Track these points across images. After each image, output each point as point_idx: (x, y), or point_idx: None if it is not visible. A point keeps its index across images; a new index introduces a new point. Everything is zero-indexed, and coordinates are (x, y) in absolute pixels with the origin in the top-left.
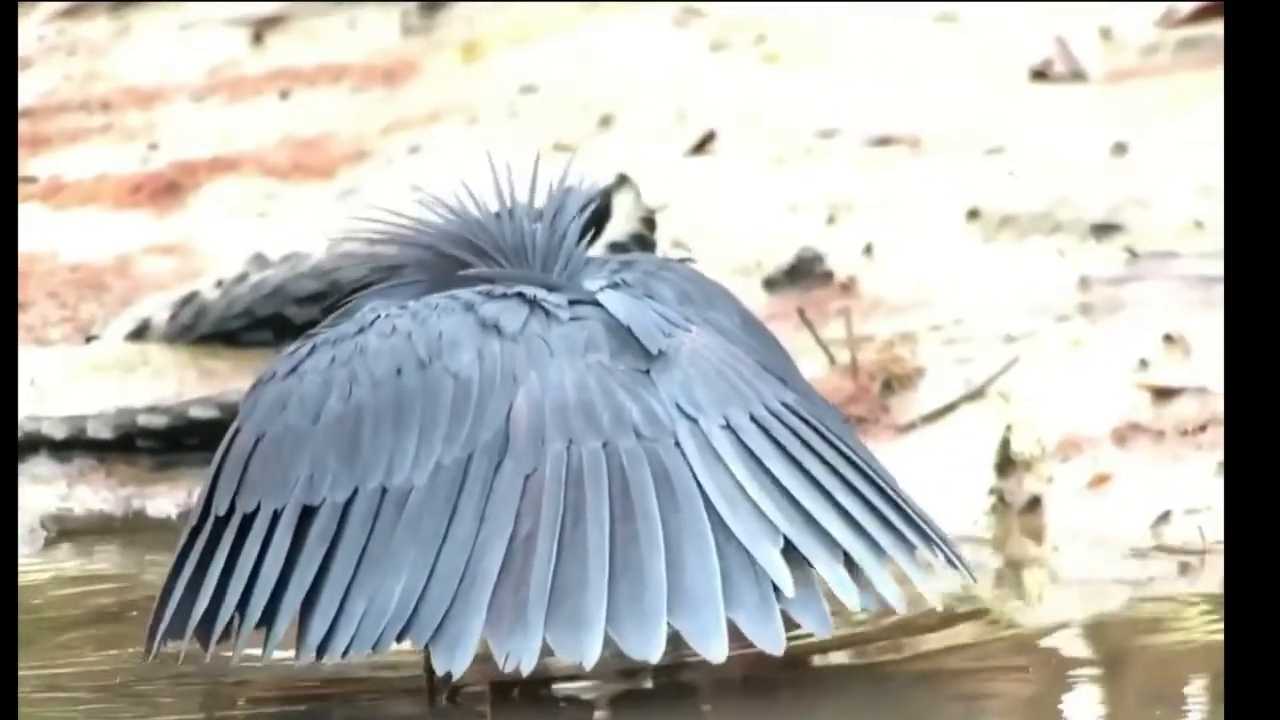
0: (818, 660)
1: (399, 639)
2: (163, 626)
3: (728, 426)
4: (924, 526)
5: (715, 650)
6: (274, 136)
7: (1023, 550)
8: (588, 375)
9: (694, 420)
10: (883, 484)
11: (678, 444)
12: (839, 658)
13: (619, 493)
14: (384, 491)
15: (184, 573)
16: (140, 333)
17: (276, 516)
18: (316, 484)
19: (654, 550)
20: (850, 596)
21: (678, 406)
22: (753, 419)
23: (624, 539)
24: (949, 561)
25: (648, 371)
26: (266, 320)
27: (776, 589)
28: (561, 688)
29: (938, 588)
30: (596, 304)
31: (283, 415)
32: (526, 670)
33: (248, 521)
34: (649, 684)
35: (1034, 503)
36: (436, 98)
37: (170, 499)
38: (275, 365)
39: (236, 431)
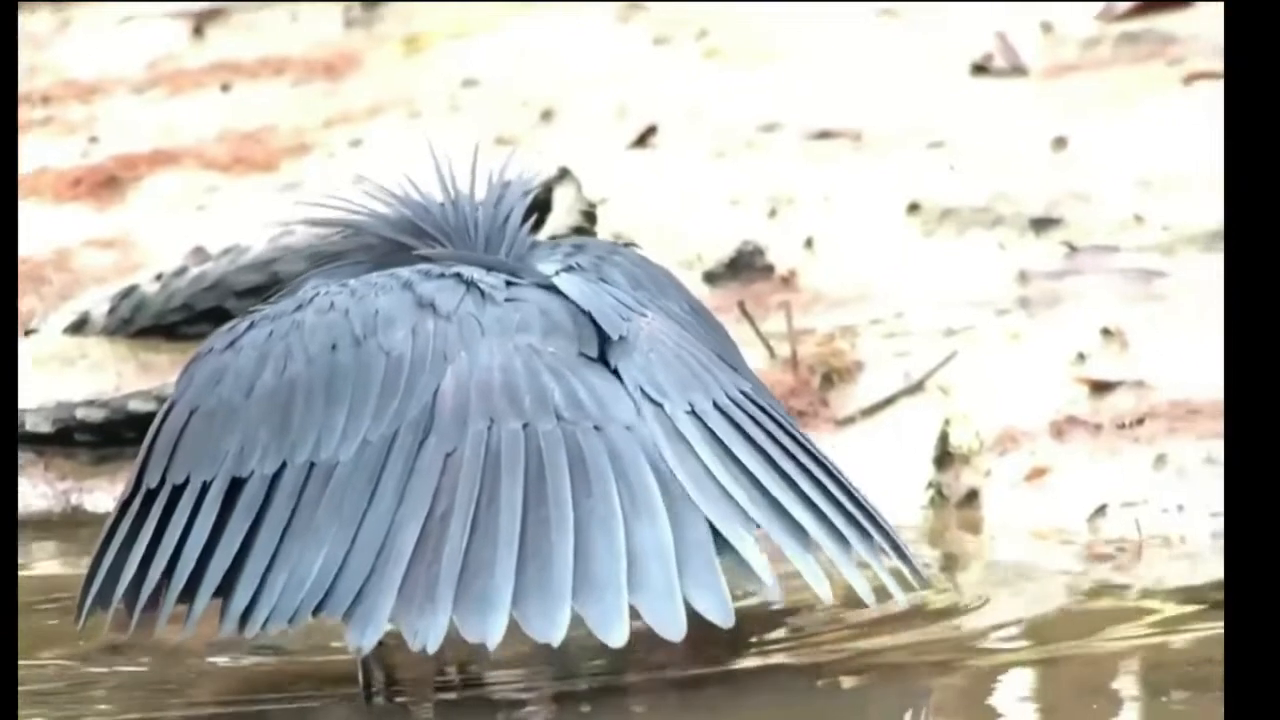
0: (752, 651)
1: (315, 613)
2: (90, 596)
3: (693, 412)
4: (881, 522)
5: (615, 635)
6: (214, 129)
7: (960, 543)
8: (515, 357)
9: (659, 405)
10: (841, 477)
11: (598, 428)
12: (776, 646)
13: (534, 475)
14: (311, 466)
15: (113, 543)
16: (79, 326)
17: (205, 488)
18: (246, 456)
19: (563, 535)
20: (823, 588)
21: (642, 391)
22: (716, 406)
23: (535, 522)
24: (904, 559)
25: (593, 357)
26: (206, 313)
27: (682, 575)
28: (502, 686)
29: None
30: (540, 286)
31: (217, 389)
32: (432, 649)
33: (177, 493)
34: (585, 684)
35: (972, 496)
36: (378, 91)
37: (109, 493)
38: (212, 340)
39: (171, 406)
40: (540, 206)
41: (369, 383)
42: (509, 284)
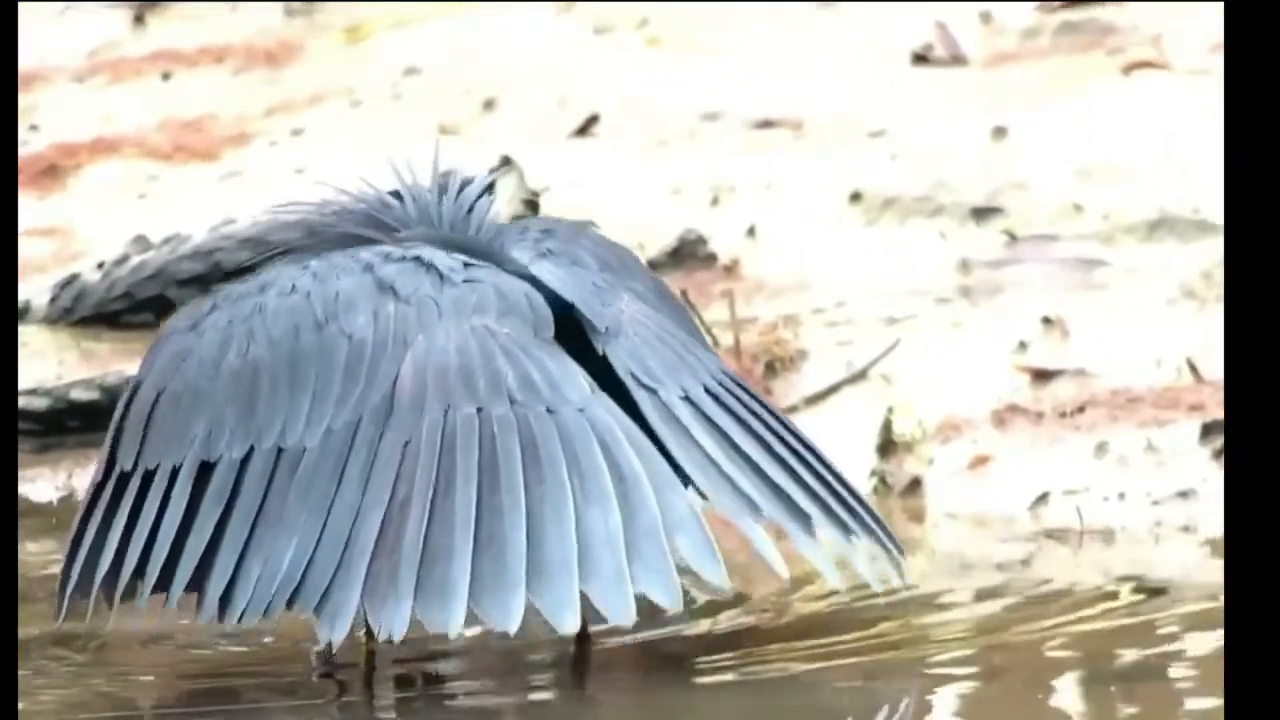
0: (705, 651)
1: (289, 606)
2: (70, 586)
3: (687, 398)
4: (868, 505)
5: (566, 622)
6: (155, 118)
7: (903, 531)
8: (470, 339)
9: (654, 391)
10: (826, 459)
11: (550, 410)
12: (723, 632)
13: (488, 461)
14: (279, 452)
15: (89, 530)
16: (21, 315)
17: (175, 473)
18: (214, 440)
19: (516, 522)
20: (831, 572)
21: (634, 376)
22: (706, 390)
23: (489, 509)
24: (886, 546)
25: (547, 338)
26: (148, 302)
27: (633, 560)
28: (465, 697)
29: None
30: (502, 269)
31: (182, 371)
32: (398, 638)
33: (149, 478)
34: (549, 694)
35: (915, 484)
36: (319, 80)
37: (51, 482)
38: (176, 321)
39: (138, 386)
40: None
41: (332, 367)
42: (467, 265)
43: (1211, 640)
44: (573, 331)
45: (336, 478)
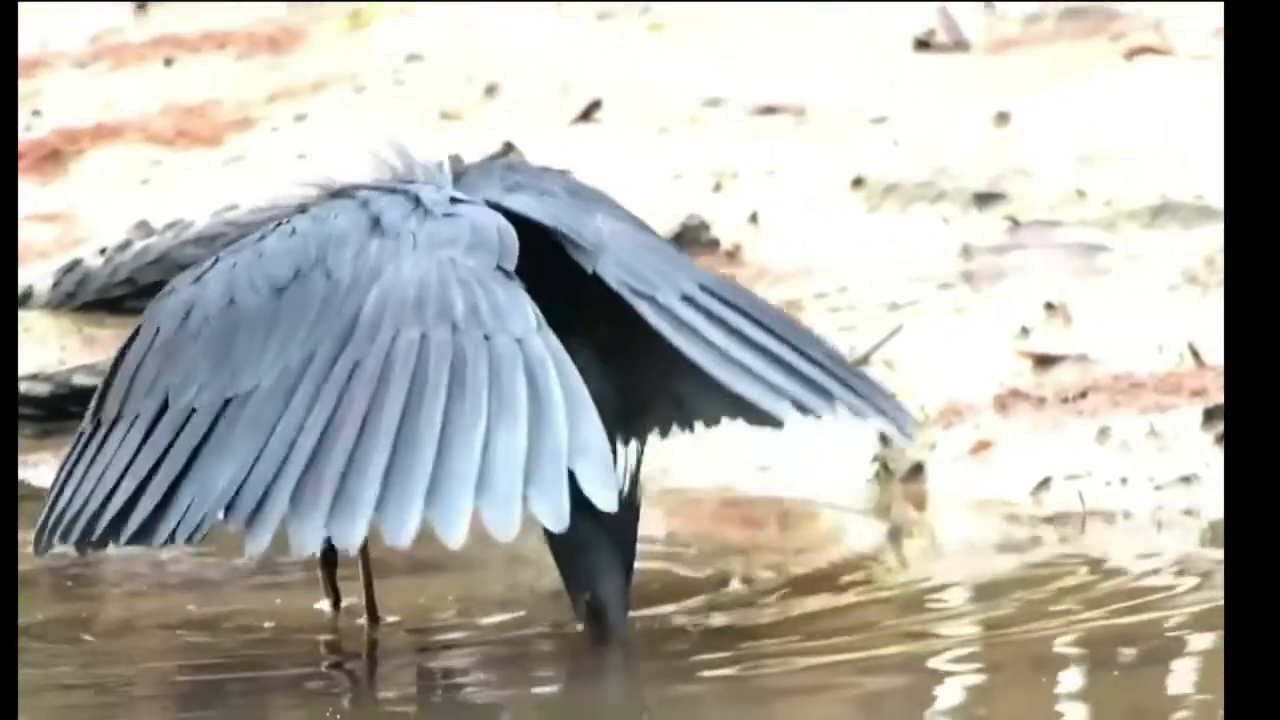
0: (705, 651)
1: (224, 519)
2: (46, 529)
3: (685, 298)
4: (875, 382)
5: (451, 536)
6: (158, 104)
7: (905, 517)
8: (433, 270)
9: (651, 298)
10: (824, 341)
11: (487, 337)
12: (724, 619)
13: (417, 384)
14: (241, 395)
15: (62, 474)
16: (23, 300)
17: (136, 419)
18: (184, 389)
19: (429, 441)
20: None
21: (628, 287)
22: (703, 288)
23: (408, 430)
24: (898, 420)
25: (509, 271)
26: (150, 288)
27: (530, 480)
28: (470, 691)
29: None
30: (484, 203)
31: (183, 323)
32: (306, 553)
33: (118, 425)
34: (553, 689)
35: (917, 469)
36: (322, 66)
37: (53, 467)
38: (178, 280)
39: (132, 339)
40: None
41: (305, 311)
42: (453, 200)
43: (1214, 627)
44: (558, 273)
45: (283, 406)
